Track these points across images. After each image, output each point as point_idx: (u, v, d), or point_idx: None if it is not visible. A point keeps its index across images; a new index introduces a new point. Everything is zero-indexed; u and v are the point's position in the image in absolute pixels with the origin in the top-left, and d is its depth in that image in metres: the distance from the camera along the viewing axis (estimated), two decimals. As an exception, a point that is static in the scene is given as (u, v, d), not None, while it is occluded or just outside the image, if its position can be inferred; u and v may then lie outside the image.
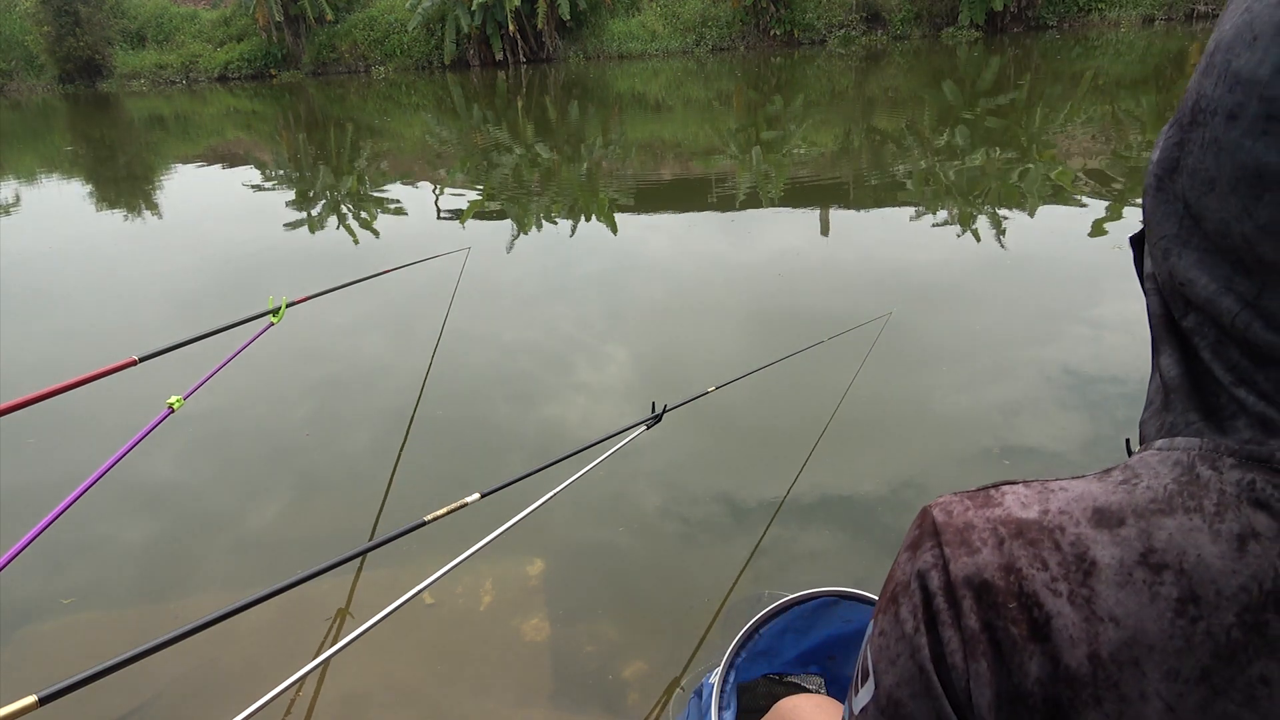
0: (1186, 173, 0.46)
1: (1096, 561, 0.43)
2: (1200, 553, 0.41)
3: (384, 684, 2.16)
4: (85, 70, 22.88)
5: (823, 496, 2.83)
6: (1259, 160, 0.41)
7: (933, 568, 0.47)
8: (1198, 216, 0.45)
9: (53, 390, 1.78)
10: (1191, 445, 0.45)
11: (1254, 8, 0.43)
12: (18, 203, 9.56)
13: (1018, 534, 0.46)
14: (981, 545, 0.46)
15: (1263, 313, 0.42)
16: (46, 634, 2.45)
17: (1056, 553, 0.44)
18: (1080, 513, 0.45)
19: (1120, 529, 0.44)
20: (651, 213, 7.28)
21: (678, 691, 2.06)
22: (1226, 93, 0.43)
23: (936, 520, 0.49)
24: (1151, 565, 0.42)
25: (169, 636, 1.26)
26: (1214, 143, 0.44)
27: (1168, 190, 0.48)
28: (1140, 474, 0.46)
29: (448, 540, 2.02)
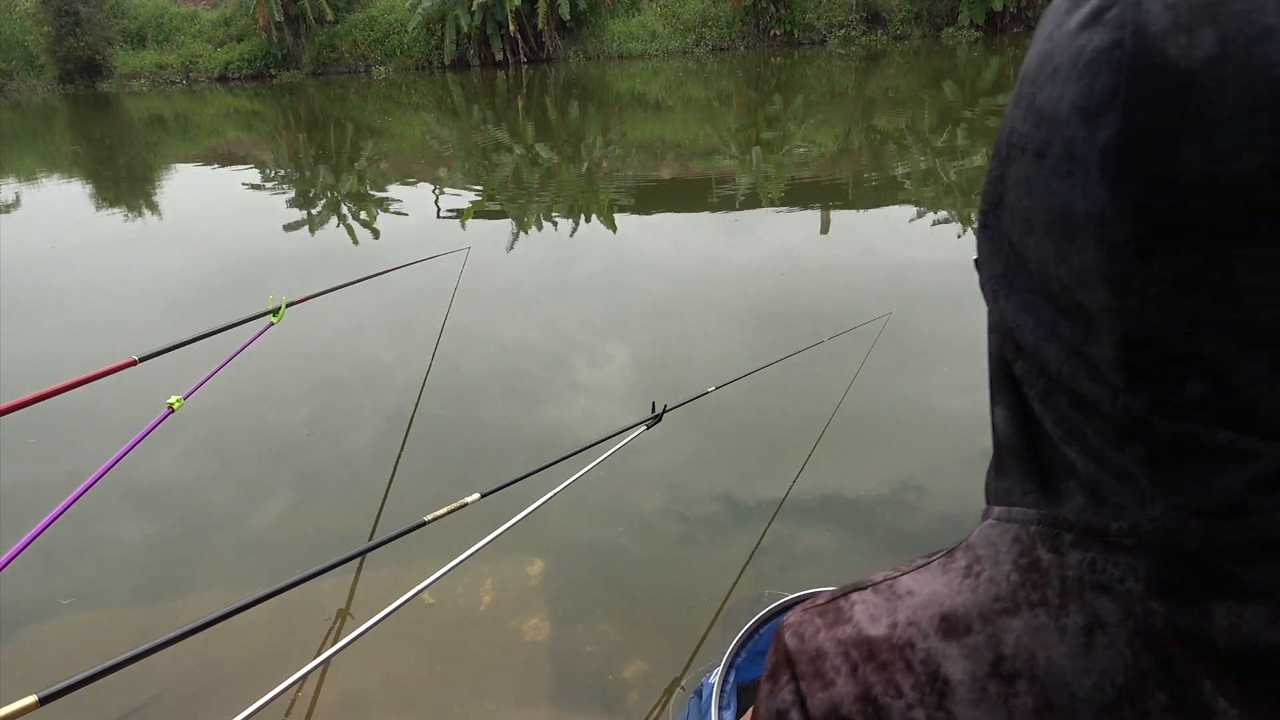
0: (1008, 210, 0.43)
1: (949, 680, 0.41)
2: (1050, 654, 0.40)
3: (384, 684, 2.16)
4: (85, 70, 22.88)
5: (823, 496, 2.83)
6: (1066, 203, 0.39)
7: (791, 706, 0.46)
8: (1022, 257, 0.43)
9: (53, 390, 1.78)
10: (1029, 518, 0.43)
11: (1055, 35, 0.40)
12: (18, 203, 9.56)
13: (869, 656, 0.44)
14: (835, 675, 0.44)
15: (1088, 362, 0.40)
16: (46, 634, 2.45)
17: (909, 674, 0.42)
18: (928, 623, 0.43)
19: (968, 638, 0.42)
20: (651, 213, 7.28)
21: (678, 691, 2.06)
22: (1033, 129, 0.40)
23: (789, 648, 0.47)
24: (1003, 676, 0.40)
25: (169, 636, 1.26)
26: (1026, 181, 0.41)
27: (993, 227, 0.45)
28: (983, 561, 0.43)
29: (448, 540, 2.02)
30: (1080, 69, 0.38)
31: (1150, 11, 0.36)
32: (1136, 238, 0.37)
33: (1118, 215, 0.37)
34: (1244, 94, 0.34)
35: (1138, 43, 0.36)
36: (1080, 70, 0.38)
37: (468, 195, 8.77)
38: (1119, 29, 0.36)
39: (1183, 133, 0.35)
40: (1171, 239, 0.36)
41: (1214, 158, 0.34)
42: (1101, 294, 0.38)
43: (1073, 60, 0.38)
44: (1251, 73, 0.34)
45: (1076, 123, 0.38)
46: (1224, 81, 0.34)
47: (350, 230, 7.43)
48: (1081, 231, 0.38)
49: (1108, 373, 0.39)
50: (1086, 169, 0.37)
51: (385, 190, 9.26)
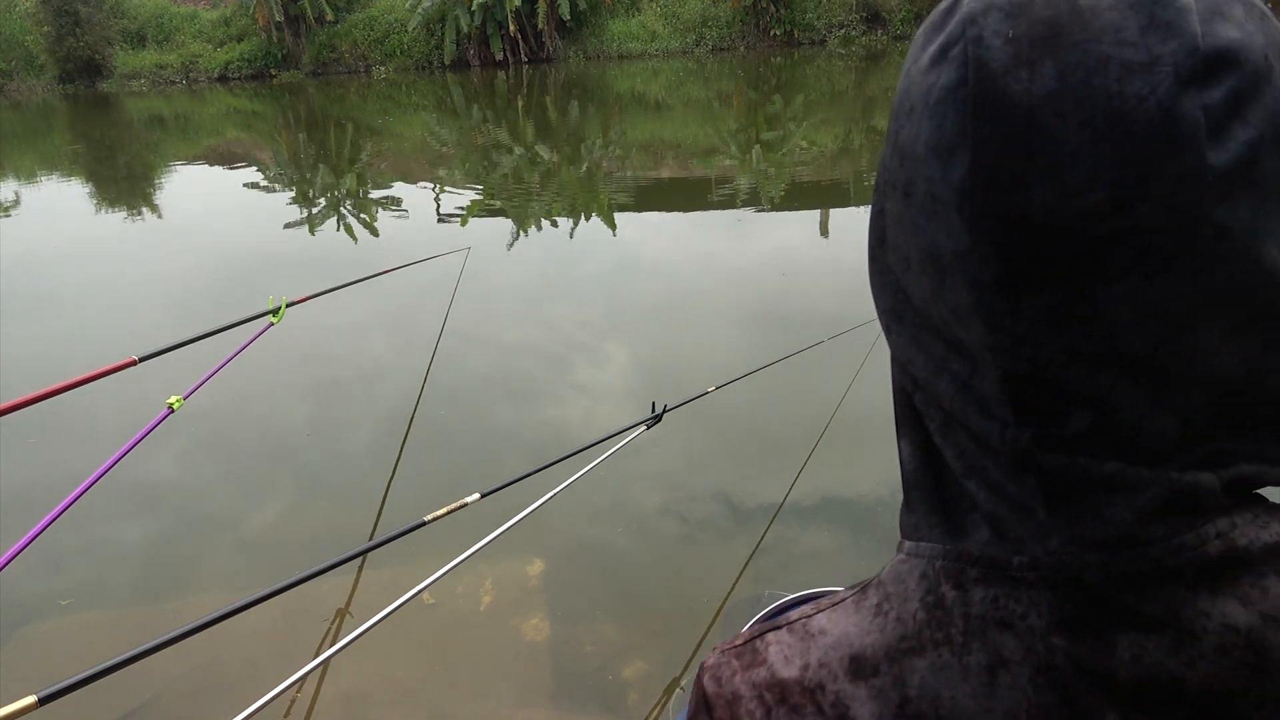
0: (890, 247, 0.43)
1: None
2: (954, 694, 0.39)
3: (384, 684, 2.16)
4: (85, 70, 22.87)
5: (823, 497, 2.83)
6: (934, 242, 0.38)
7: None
8: (906, 293, 0.42)
9: (53, 390, 1.78)
10: (935, 553, 0.42)
11: (911, 71, 0.39)
12: (18, 203, 9.56)
13: (782, 700, 0.44)
14: (748, 718, 0.44)
15: (976, 396, 0.39)
16: (46, 634, 2.45)
17: (820, 717, 0.42)
18: (838, 664, 0.43)
19: (875, 679, 0.41)
20: (651, 213, 7.28)
21: (678, 691, 2.06)
22: (899, 167, 0.40)
23: (708, 692, 0.47)
24: (909, 717, 0.40)
25: (169, 636, 1.26)
26: (899, 219, 0.41)
27: (879, 262, 0.45)
28: (892, 599, 0.43)
29: (448, 540, 2.02)
30: (931, 107, 0.37)
31: (991, 47, 0.35)
32: (1001, 277, 0.36)
33: (980, 255, 0.36)
34: (1085, 127, 0.33)
35: (981, 80, 0.35)
36: (931, 109, 0.37)
37: (468, 195, 8.77)
38: (962, 66, 0.36)
39: (1031, 170, 0.34)
40: (1034, 277, 0.36)
41: (1064, 193, 0.34)
42: (977, 331, 0.38)
43: (924, 98, 0.38)
44: (1091, 105, 0.33)
45: (933, 162, 0.37)
46: (1065, 115, 0.34)
47: (350, 230, 7.43)
48: (950, 270, 0.38)
49: (994, 406, 0.39)
50: (946, 209, 0.37)
51: (385, 190, 9.26)
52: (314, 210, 8.32)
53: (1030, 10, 0.35)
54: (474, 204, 8.10)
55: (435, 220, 7.56)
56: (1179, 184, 0.33)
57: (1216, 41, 0.33)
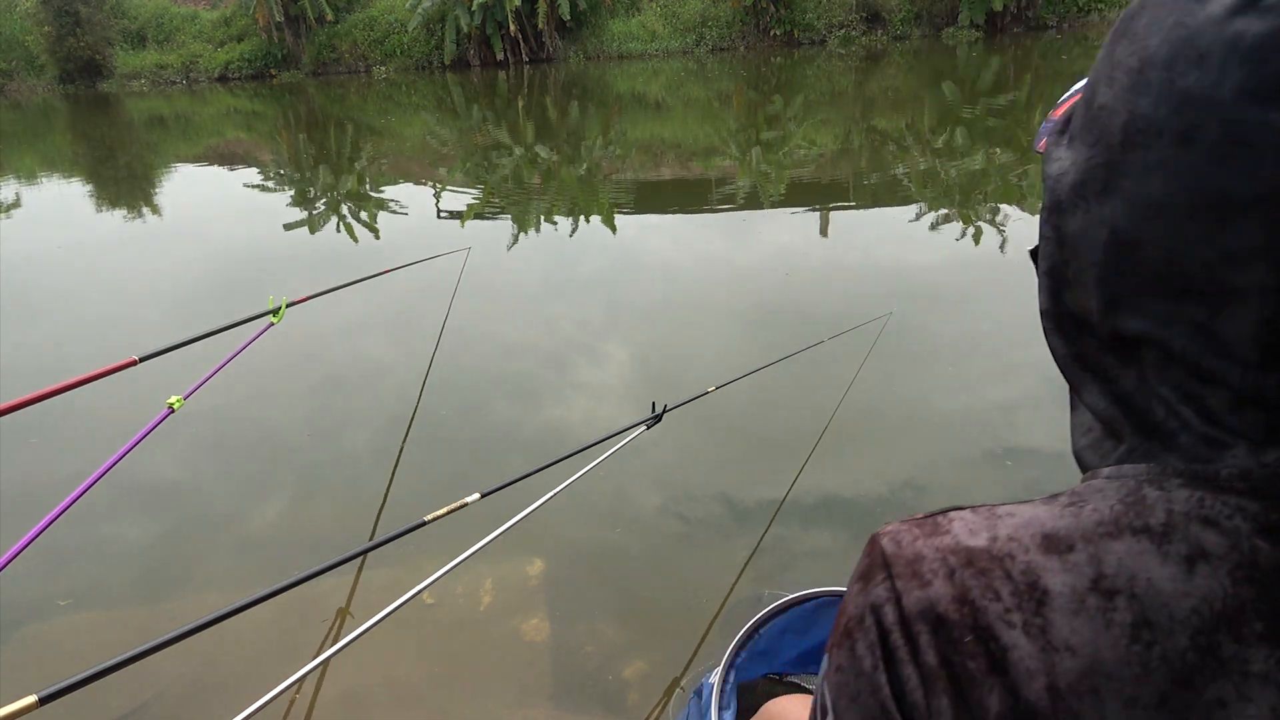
0: (1122, 197, 0.43)
1: (1049, 590, 0.42)
2: (1150, 576, 0.41)
3: (384, 684, 2.16)
4: (85, 70, 22.87)
5: (823, 496, 2.83)
6: (1223, 186, 0.39)
7: (886, 601, 0.46)
8: (1132, 243, 0.43)
9: (53, 390, 1.78)
10: (1138, 471, 0.44)
11: (1189, 23, 0.41)
12: (18, 202, 9.56)
13: (968, 563, 0.45)
14: (933, 577, 0.45)
15: (1215, 339, 0.41)
16: (46, 634, 2.45)
17: (1008, 582, 0.43)
18: (1029, 539, 0.44)
19: (1070, 555, 0.43)
20: (651, 213, 7.28)
21: (678, 691, 2.06)
22: (1173, 114, 0.41)
23: (886, 551, 0.48)
24: (1103, 591, 0.41)
25: (169, 636, 1.26)
26: (1161, 166, 0.41)
27: (1090, 214, 0.45)
28: (1087, 498, 0.45)
29: (448, 540, 2.02)
30: (1244, 54, 0.38)
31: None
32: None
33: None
34: None
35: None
36: (1244, 55, 0.38)
37: (468, 195, 8.77)
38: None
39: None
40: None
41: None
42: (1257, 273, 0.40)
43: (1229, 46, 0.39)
44: None
45: (1245, 106, 0.38)
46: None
47: (350, 230, 7.43)
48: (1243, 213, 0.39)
49: (1238, 349, 0.41)
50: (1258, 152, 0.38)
51: (385, 190, 9.26)
52: (314, 210, 8.32)
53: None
54: (474, 204, 8.10)
55: (435, 220, 7.56)
56: None
57: None
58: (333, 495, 3.10)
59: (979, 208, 6.47)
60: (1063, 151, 0.48)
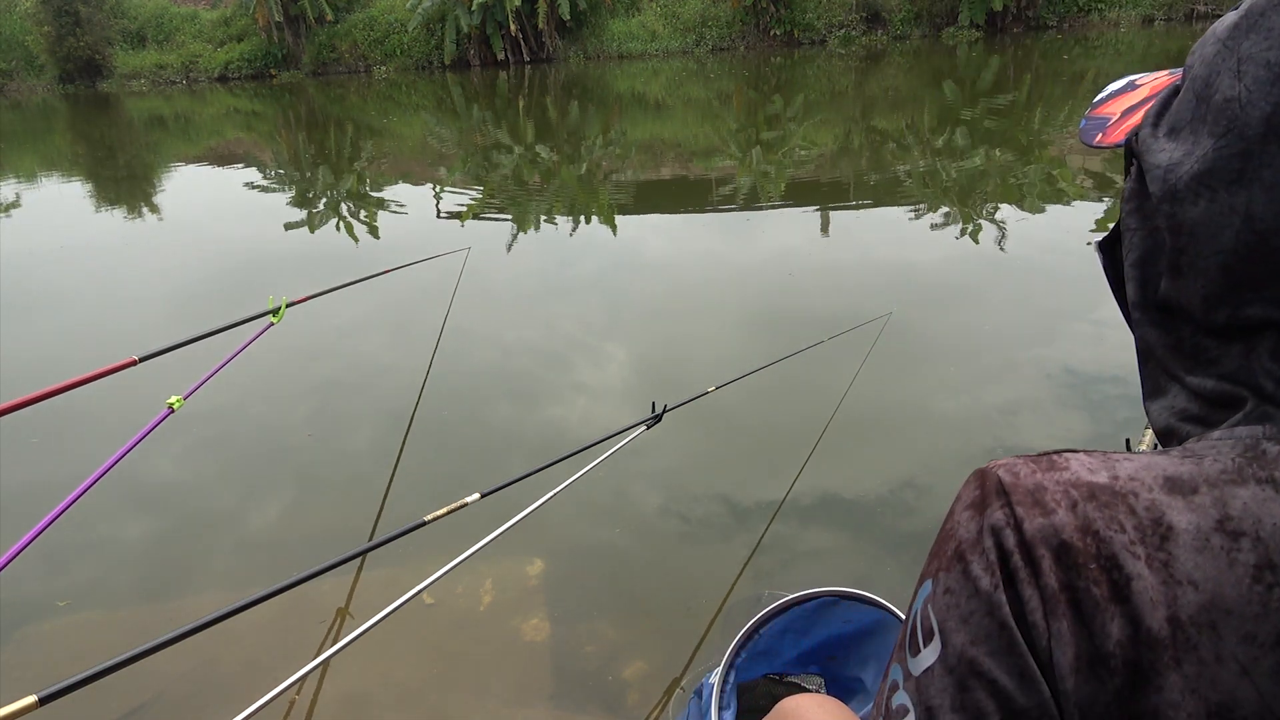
0: (1261, 186, 0.45)
1: (1173, 526, 0.43)
2: (1276, 522, 0.42)
3: (384, 684, 2.16)
4: (85, 70, 22.86)
5: (823, 496, 2.83)
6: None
7: (1005, 525, 0.46)
8: (1269, 231, 0.45)
9: (53, 390, 1.78)
10: (1254, 430, 0.46)
11: (1273, 61, 0.43)
12: (18, 202, 9.56)
13: (1091, 497, 0.45)
14: (1056, 506, 0.46)
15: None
16: (46, 634, 2.45)
17: (1132, 516, 0.44)
18: (1152, 479, 0.45)
19: (1195, 496, 0.44)
20: (651, 213, 7.28)
21: (678, 691, 2.06)
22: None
23: (1003, 479, 0.48)
24: (1228, 532, 0.43)
25: (169, 636, 1.26)
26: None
27: (1218, 202, 0.46)
28: (1203, 452, 0.46)
29: (448, 540, 2.02)
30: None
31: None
32: None
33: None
34: None
35: None
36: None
37: (468, 195, 8.77)
38: None
39: None
40: None
41: None
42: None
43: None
44: None
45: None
46: None
47: (350, 230, 7.43)
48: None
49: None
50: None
51: (385, 190, 9.26)
52: (314, 210, 8.32)
53: None
54: (474, 204, 8.10)
55: (435, 220, 7.56)
56: None
57: None
58: (333, 495, 3.10)
59: (979, 207, 6.47)
60: (1168, 143, 0.50)
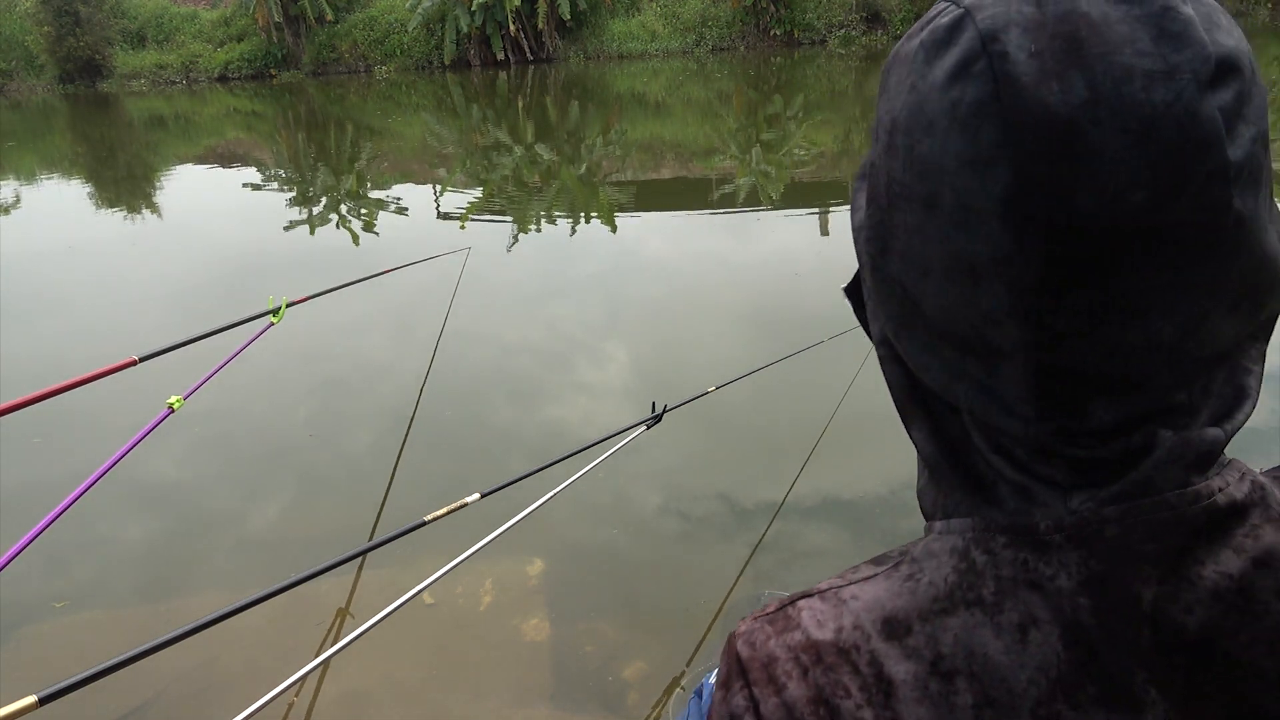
0: (897, 255, 0.43)
1: (893, 680, 0.42)
2: (986, 651, 0.41)
3: (384, 684, 2.16)
4: (85, 70, 22.86)
5: (823, 496, 2.83)
6: (967, 250, 0.39)
7: (745, 711, 0.46)
8: (916, 300, 0.43)
9: (53, 390, 1.78)
10: (965, 526, 0.44)
11: (920, 87, 0.40)
12: (18, 202, 9.56)
13: (817, 660, 0.44)
14: (787, 680, 0.45)
15: (997, 398, 0.41)
16: (46, 634, 2.45)
17: (856, 676, 0.43)
18: (871, 625, 0.44)
19: (908, 638, 0.43)
20: (651, 212, 7.28)
21: (678, 691, 2.06)
22: (918, 180, 0.40)
23: (741, 656, 0.47)
24: (943, 674, 0.41)
25: (169, 637, 1.26)
26: (918, 230, 0.41)
27: (882, 271, 0.44)
28: (923, 568, 0.44)
29: (448, 540, 2.02)
30: (961, 122, 0.38)
31: (1018, 61, 0.36)
32: (1044, 279, 0.37)
33: (1025, 260, 0.37)
34: (1123, 133, 0.35)
35: (1013, 93, 0.36)
36: (961, 124, 0.38)
37: (468, 195, 8.77)
38: (991, 81, 0.37)
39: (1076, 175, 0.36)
40: (1078, 275, 0.37)
41: (1107, 197, 0.36)
42: (1011, 332, 0.39)
43: (949, 113, 0.38)
44: (1125, 112, 0.35)
45: (967, 175, 0.38)
46: (1102, 123, 0.35)
47: (350, 230, 7.43)
48: (987, 276, 0.39)
49: (1016, 405, 0.41)
50: (985, 219, 0.38)
51: (385, 190, 9.26)
52: (314, 210, 8.32)
53: (1046, 26, 0.36)
54: (474, 204, 8.10)
55: (435, 220, 7.56)
56: (1208, 181, 0.36)
57: (1220, 49, 0.36)
58: (333, 495, 3.10)
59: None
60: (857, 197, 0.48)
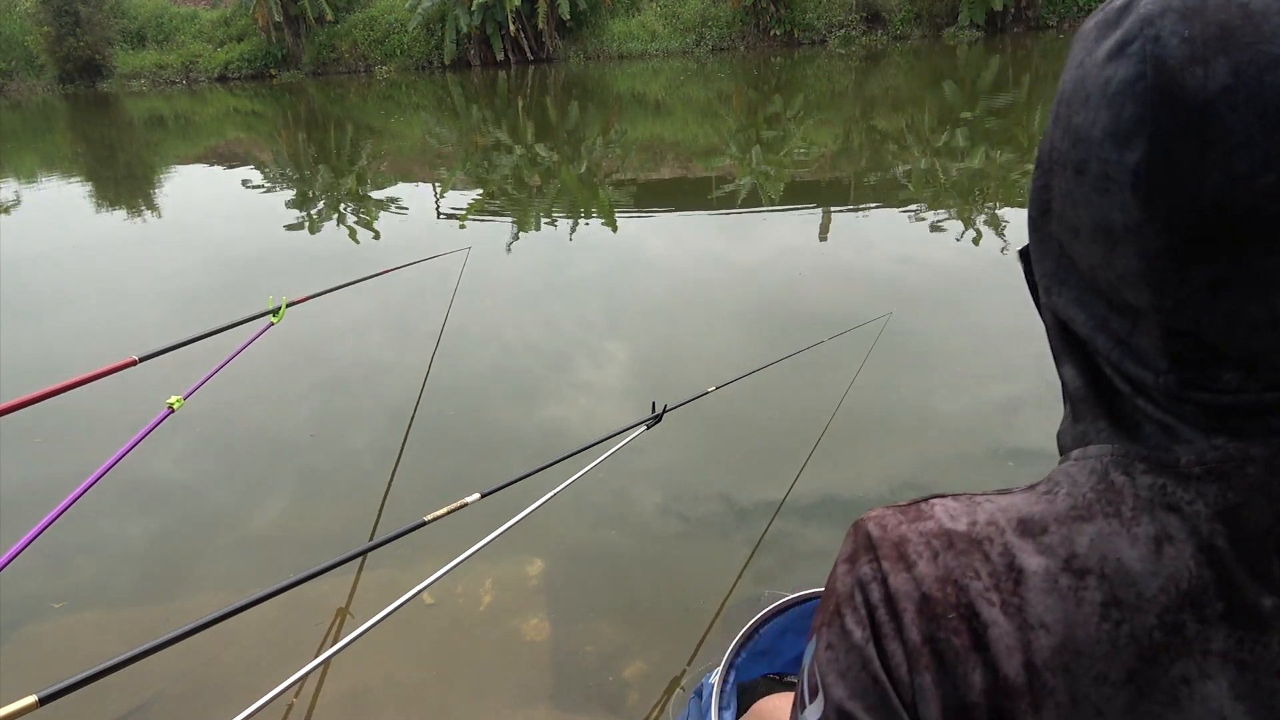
0: (1055, 217, 0.47)
1: (1024, 569, 0.44)
2: (1120, 556, 0.43)
3: (384, 684, 2.16)
4: (85, 70, 22.86)
5: (823, 496, 2.83)
6: (1106, 216, 0.43)
7: (872, 580, 0.48)
8: (1071, 258, 0.47)
9: (53, 390, 1.78)
10: (1104, 452, 0.46)
11: (1085, 63, 0.43)
12: (18, 202, 9.56)
13: (949, 545, 0.47)
14: (917, 558, 0.47)
15: (1133, 350, 0.45)
16: (46, 634, 2.45)
17: (987, 563, 0.45)
18: (1006, 523, 0.46)
19: (1044, 536, 0.45)
20: (651, 213, 7.28)
21: (678, 691, 2.06)
22: (1071, 147, 0.44)
23: (871, 534, 0.50)
24: (1075, 571, 0.43)
25: (169, 636, 1.26)
26: (1069, 194, 0.45)
27: (1042, 230, 0.49)
28: (1060, 484, 0.47)
29: (448, 540, 2.02)
30: (1109, 98, 0.41)
31: (1169, 45, 0.39)
32: (1170, 248, 0.41)
33: (1152, 229, 0.41)
34: (1258, 119, 0.37)
35: (1159, 74, 0.39)
36: (1109, 99, 0.41)
37: (468, 195, 8.77)
38: (1141, 62, 0.40)
39: (1205, 156, 0.38)
40: (1202, 249, 0.40)
41: (1235, 177, 0.38)
42: (1144, 294, 0.43)
43: (1102, 89, 0.42)
44: (1264, 100, 0.37)
45: (1109, 146, 0.41)
46: (1239, 109, 0.37)
47: (351, 230, 7.43)
48: (1122, 241, 0.42)
49: (1152, 359, 0.44)
50: (1121, 188, 0.41)
51: (385, 190, 9.26)
52: (314, 210, 8.32)
53: (1205, 13, 0.39)
54: (474, 204, 8.10)
55: (435, 220, 7.56)
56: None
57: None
58: (333, 495, 3.10)
59: (979, 207, 6.47)
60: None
